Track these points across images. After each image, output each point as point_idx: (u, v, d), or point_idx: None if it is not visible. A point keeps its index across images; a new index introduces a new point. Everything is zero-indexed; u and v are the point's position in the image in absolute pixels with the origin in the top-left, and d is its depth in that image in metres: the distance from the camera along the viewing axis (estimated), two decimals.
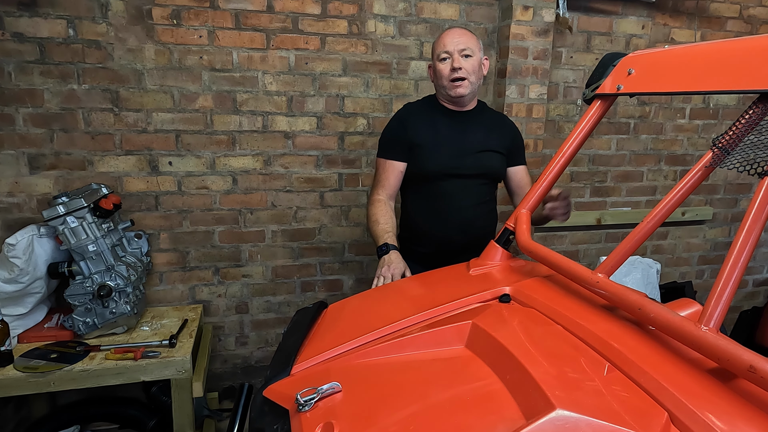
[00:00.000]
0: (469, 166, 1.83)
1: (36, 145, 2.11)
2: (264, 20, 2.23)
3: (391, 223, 1.81)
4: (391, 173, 1.87)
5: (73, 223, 1.89)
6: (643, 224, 1.13)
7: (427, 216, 1.89)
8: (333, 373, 1.03)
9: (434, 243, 1.90)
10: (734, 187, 3.14)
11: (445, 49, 1.76)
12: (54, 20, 2.02)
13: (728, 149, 1.03)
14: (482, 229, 1.90)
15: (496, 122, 1.94)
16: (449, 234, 1.87)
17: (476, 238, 1.84)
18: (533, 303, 1.18)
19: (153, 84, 2.17)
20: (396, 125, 1.90)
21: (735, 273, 0.86)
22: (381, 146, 1.92)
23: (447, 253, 1.83)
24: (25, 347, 1.93)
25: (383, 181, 1.89)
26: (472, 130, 1.86)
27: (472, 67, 1.77)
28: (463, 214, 1.86)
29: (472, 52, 1.76)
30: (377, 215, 1.82)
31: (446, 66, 1.77)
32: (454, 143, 1.83)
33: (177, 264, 2.40)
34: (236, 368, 2.63)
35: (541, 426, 0.75)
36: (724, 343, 0.81)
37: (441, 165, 1.82)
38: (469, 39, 1.77)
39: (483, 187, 1.89)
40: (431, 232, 1.89)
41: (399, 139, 1.86)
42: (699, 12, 2.76)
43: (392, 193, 1.91)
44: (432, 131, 1.84)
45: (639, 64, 1.30)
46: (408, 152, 1.86)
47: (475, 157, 1.84)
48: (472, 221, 1.88)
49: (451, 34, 1.78)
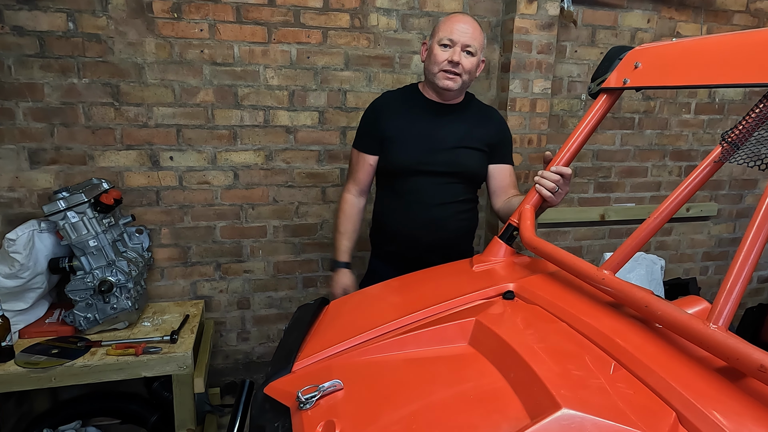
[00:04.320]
0: (440, 163, 1.72)
1: (36, 139, 2.09)
2: (265, 14, 2.21)
3: (350, 231, 1.87)
4: (362, 166, 1.82)
5: (73, 218, 1.88)
6: (650, 220, 1.11)
7: (395, 213, 1.81)
8: (334, 370, 1.02)
9: (401, 242, 1.82)
10: (740, 183, 3.12)
11: (451, 36, 1.63)
12: (54, 13, 2.00)
13: (738, 144, 1.01)
14: (454, 231, 1.81)
15: (481, 117, 1.82)
16: (416, 233, 1.78)
17: (446, 240, 1.79)
18: (537, 300, 1.16)
19: (154, 78, 2.16)
20: (369, 115, 1.82)
21: (744, 270, 0.85)
22: (356, 136, 1.85)
23: (415, 252, 1.79)
24: (27, 342, 1.92)
25: (354, 174, 1.86)
26: (452, 125, 1.76)
27: (470, 66, 1.67)
28: (433, 214, 1.76)
29: (475, 51, 1.66)
30: (340, 220, 1.88)
31: (445, 53, 1.65)
32: (428, 138, 1.73)
33: (178, 259, 2.39)
34: (238, 364, 2.62)
35: (547, 425, 0.74)
36: (734, 341, 0.80)
37: (410, 160, 1.72)
38: (477, 35, 1.67)
39: (456, 186, 1.77)
40: (398, 231, 1.81)
41: (371, 130, 1.79)
42: (705, 5, 2.73)
43: (363, 188, 1.87)
44: (406, 124, 1.75)
45: (646, 57, 1.28)
46: (379, 145, 1.78)
47: (448, 154, 1.73)
48: (441, 221, 1.77)
49: (461, 22, 1.65)
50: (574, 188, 2.84)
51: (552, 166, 1.44)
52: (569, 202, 2.86)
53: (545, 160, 1.48)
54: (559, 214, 2.78)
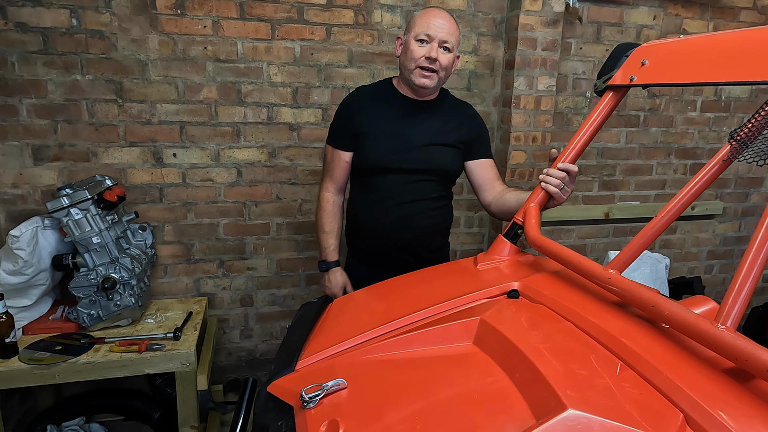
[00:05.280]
0: (412, 161, 1.70)
1: (40, 136, 2.09)
2: (269, 10, 2.20)
3: (335, 230, 1.86)
4: (338, 163, 1.80)
5: (77, 215, 1.88)
6: (657, 219, 1.10)
7: (367, 211, 1.79)
8: (338, 369, 1.01)
9: (373, 240, 1.81)
10: (745, 181, 3.10)
11: (428, 32, 1.59)
12: (57, 10, 2.00)
13: (747, 142, 0.99)
14: (426, 229, 1.79)
15: (455, 113, 1.78)
16: (387, 231, 1.76)
17: (418, 238, 1.78)
18: (542, 299, 1.15)
19: (157, 75, 2.15)
20: (343, 111, 1.79)
21: (753, 270, 0.83)
22: (329, 132, 1.83)
23: (386, 250, 1.79)
24: (30, 339, 1.93)
25: (330, 171, 1.83)
26: (425, 122, 1.73)
27: (447, 63, 1.64)
28: (404, 211, 1.73)
29: (452, 47, 1.63)
30: (323, 219, 1.85)
31: (422, 49, 1.61)
32: (400, 136, 1.71)
33: (181, 256, 2.39)
34: (241, 361, 2.62)
35: (553, 426, 0.73)
36: (742, 342, 0.78)
37: (382, 158, 1.71)
38: (453, 31, 1.63)
39: (429, 183, 1.75)
40: (369, 228, 1.80)
41: (344, 127, 1.76)
42: (712, 2, 2.70)
43: (340, 186, 1.86)
44: (379, 120, 1.72)
45: (653, 54, 1.27)
46: (353, 141, 1.75)
47: (421, 152, 1.71)
48: (412, 219, 1.75)
49: (437, 17, 1.61)
50: (578, 186, 2.83)
51: (558, 163, 1.43)
52: (573, 200, 2.85)
53: (551, 157, 1.47)
54: (563, 212, 2.77)
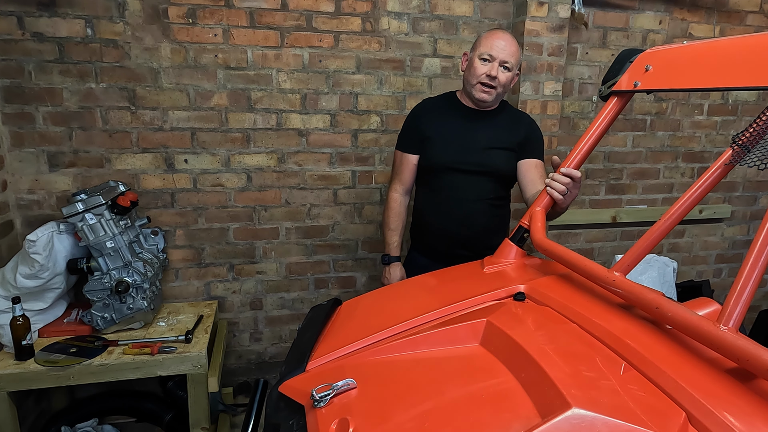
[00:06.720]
0: (472, 162, 1.85)
1: (55, 143, 2.14)
2: (278, 18, 2.24)
3: (400, 228, 2.03)
4: (405, 166, 1.97)
5: (91, 220, 1.92)
6: (661, 222, 1.11)
7: (432, 208, 1.95)
8: (348, 369, 1.03)
9: (437, 235, 1.95)
10: (753, 185, 3.09)
11: (491, 52, 1.76)
12: (72, 20, 2.05)
13: (749, 146, 1.01)
14: (484, 226, 1.91)
15: (512, 120, 1.94)
16: (450, 227, 1.91)
17: (477, 234, 1.90)
18: (548, 301, 1.17)
19: (169, 82, 2.20)
20: (411, 118, 1.98)
21: (756, 272, 0.85)
22: (398, 138, 2.01)
23: (448, 244, 1.92)
24: (46, 341, 1.96)
25: (399, 174, 2.00)
26: (484, 128, 1.88)
27: (506, 81, 1.80)
28: (465, 209, 1.88)
29: (512, 67, 1.79)
30: (390, 218, 2.02)
31: (484, 68, 1.78)
32: (462, 139, 1.87)
33: (192, 260, 2.42)
34: (250, 364, 2.65)
35: (557, 425, 0.75)
36: (744, 343, 0.80)
37: (446, 159, 1.87)
38: (515, 52, 1.79)
39: (487, 184, 1.89)
40: (434, 224, 1.94)
41: (412, 131, 1.95)
42: (718, 6, 2.71)
43: (408, 187, 2.02)
44: (443, 126, 1.89)
45: (657, 60, 1.28)
46: (420, 145, 1.92)
47: (480, 154, 1.86)
48: (473, 216, 1.89)
49: (501, 39, 1.78)
50: (585, 190, 2.83)
51: (562, 168, 1.45)
52: (580, 204, 2.86)
53: (553, 164, 1.51)
54: (570, 216, 2.77)
